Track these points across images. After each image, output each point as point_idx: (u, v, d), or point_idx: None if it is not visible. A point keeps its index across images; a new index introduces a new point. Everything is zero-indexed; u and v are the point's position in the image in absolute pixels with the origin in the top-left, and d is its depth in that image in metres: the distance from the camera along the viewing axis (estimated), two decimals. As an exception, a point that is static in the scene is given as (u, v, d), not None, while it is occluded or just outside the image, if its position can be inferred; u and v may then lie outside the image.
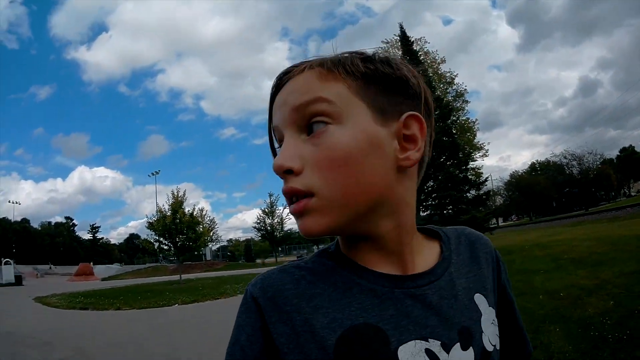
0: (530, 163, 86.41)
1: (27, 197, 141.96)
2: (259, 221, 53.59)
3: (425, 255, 0.67)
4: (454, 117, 29.52)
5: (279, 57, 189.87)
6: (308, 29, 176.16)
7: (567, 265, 8.04)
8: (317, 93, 0.58)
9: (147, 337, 8.74)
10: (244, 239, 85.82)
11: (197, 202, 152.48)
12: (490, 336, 0.64)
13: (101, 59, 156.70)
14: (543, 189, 65.42)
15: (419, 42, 30.40)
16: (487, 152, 30.23)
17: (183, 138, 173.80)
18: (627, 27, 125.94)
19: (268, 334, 0.59)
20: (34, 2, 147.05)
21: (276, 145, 0.65)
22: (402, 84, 0.62)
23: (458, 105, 30.43)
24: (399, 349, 0.56)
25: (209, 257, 60.35)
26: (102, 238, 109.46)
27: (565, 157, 66.36)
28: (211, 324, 9.65)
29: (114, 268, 60.40)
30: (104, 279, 42.63)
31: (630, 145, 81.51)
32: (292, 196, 0.58)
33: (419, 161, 0.63)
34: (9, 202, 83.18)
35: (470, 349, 0.60)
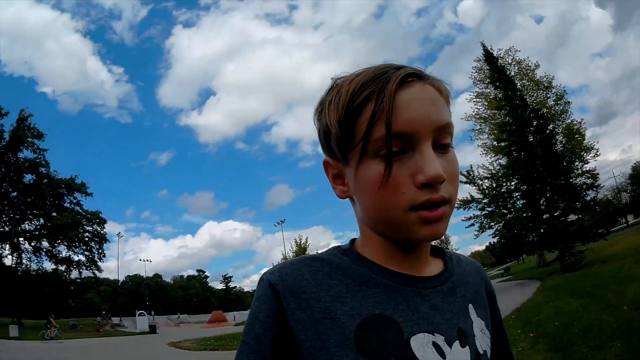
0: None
1: (157, 254, 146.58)
2: None
3: (431, 265, 0.75)
4: (558, 121, 28.91)
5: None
6: (409, 58, 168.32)
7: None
8: (449, 117, 0.66)
9: None
10: None
11: (328, 243, 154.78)
12: (482, 342, 0.71)
13: (214, 120, 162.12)
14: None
15: (509, 52, 30.10)
16: (597, 151, 28.41)
17: (307, 184, 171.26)
18: None
19: (285, 321, 0.64)
20: (139, 79, 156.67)
21: (394, 147, 0.62)
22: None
23: (560, 108, 29.27)
24: (411, 339, 0.63)
25: None
26: (235, 287, 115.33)
27: None
28: None
29: (247, 314, 62.39)
30: (237, 325, 43.04)
31: None
32: (438, 204, 0.63)
33: None
34: (140, 260, 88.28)
35: (467, 348, 0.67)
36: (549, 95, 29.79)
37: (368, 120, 0.63)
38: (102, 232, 49.17)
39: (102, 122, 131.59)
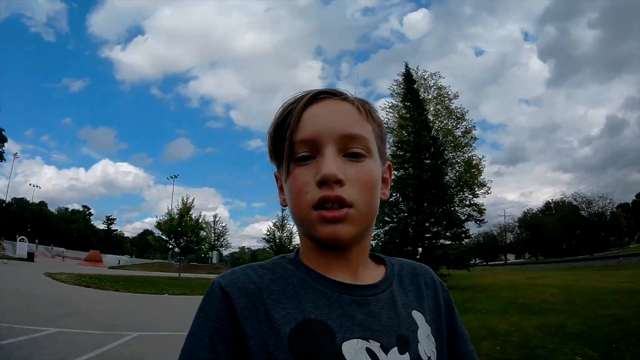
0: (545, 202, 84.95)
1: (47, 182, 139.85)
2: (269, 233, 55.20)
3: (372, 274, 0.79)
4: (460, 152, 30.58)
5: (312, 75, 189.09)
6: (342, 50, 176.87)
7: (512, 309, 9.13)
8: (362, 130, 0.73)
9: (132, 309, 11.52)
10: (256, 248, 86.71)
11: (215, 206, 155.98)
12: (426, 347, 0.73)
13: (135, 60, 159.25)
14: (552, 230, 65.06)
15: (434, 77, 31.23)
16: (489, 189, 30.12)
17: (209, 144, 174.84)
18: None
19: (236, 320, 0.67)
20: (74, 0, 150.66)
21: (301, 152, 0.71)
22: (385, 136, 0.83)
23: (465, 141, 30.74)
24: (343, 344, 0.65)
25: (215, 261, 61.54)
26: (117, 230, 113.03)
27: (575, 200, 66.32)
28: (189, 309, 11.93)
29: (123, 259, 61.93)
30: (111, 267, 44.37)
31: None
32: (334, 203, 0.67)
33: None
34: (30, 184, 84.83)
35: (407, 354, 0.69)
36: (458, 126, 31.11)
37: (284, 132, 0.74)
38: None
39: (25, 35, 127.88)
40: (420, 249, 23.47)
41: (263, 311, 0.67)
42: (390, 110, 30.50)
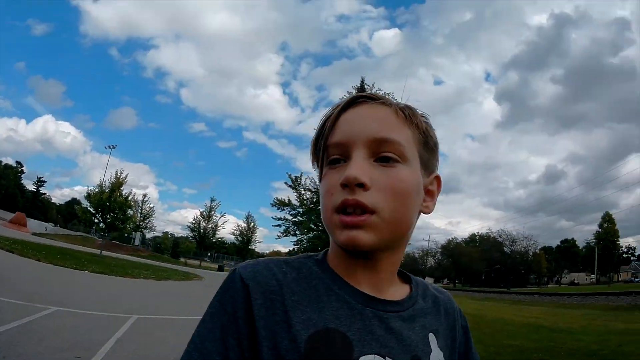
0: (471, 234, 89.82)
1: None
2: (194, 222, 54.46)
3: (397, 290, 0.76)
4: None
5: (270, 70, 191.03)
6: (306, 51, 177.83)
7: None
8: (396, 135, 0.69)
9: (52, 281, 11.26)
10: (179, 235, 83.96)
11: (146, 185, 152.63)
12: None
13: (103, 15, 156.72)
14: (472, 261, 67.89)
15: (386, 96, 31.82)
16: None
17: (153, 119, 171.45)
18: (608, 129, 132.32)
19: (251, 315, 0.64)
20: None
21: (333, 155, 0.71)
22: (436, 146, 0.78)
23: None
24: (360, 358, 0.63)
25: (137, 243, 59.44)
26: (45, 194, 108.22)
27: (500, 236, 69.91)
28: (107, 289, 12.00)
29: (47, 226, 58.43)
30: (34, 234, 42.10)
31: (573, 238, 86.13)
32: (354, 208, 0.65)
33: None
34: None
35: None
36: None
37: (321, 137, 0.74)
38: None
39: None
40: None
41: (281, 312, 0.64)
42: (339, 121, 30.54)
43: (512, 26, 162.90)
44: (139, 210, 56.66)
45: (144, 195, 64.79)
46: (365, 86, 28.22)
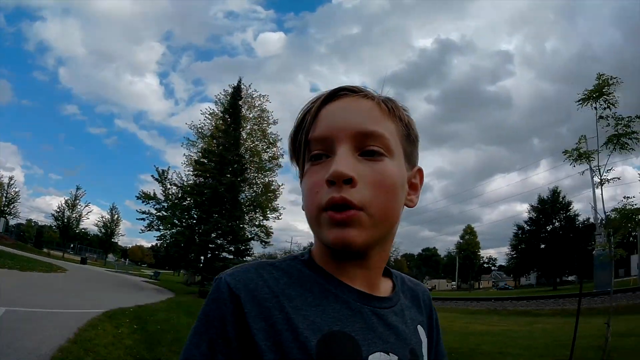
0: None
1: None
2: (59, 210, 50.87)
3: (384, 285, 0.76)
4: (262, 175, 31.37)
5: (149, 58, 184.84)
6: (189, 43, 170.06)
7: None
8: (381, 128, 0.67)
9: None
10: (43, 224, 77.87)
11: (13, 167, 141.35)
12: None
13: None
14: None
15: (261, 98, 31.62)
16: (280, 215, 31.34)
17: (28, 96, 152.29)
18: (476, 150, 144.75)
19: (244, 327, 0.59)
20: None
21: (315, 151, 0.67)
22: (417, 138, 0.76)
23: (270, 166, 31.75)
24: (369, 357, 0.62)
25: (0, 230, 52.48)
26: None
27: None
28: None
29: None
30: None
31: (434, 247, 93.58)
32: (340, 206, 0.61)
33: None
34: None
35: None
36: (268, 150, 31.97)
37: (300, 132, 0.70)
38: None
39: None
40: (202, 258, 23.90)
41: (283, 320, 0.60)
42: (209, 117, 30.56)
43: (397, 45, 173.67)
44: (4, 194, 50.65)
45: (11, 178, 55.76)
46: (242, 86, 28.74)
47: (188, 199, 25.83)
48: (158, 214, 26.45)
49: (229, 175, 23.93)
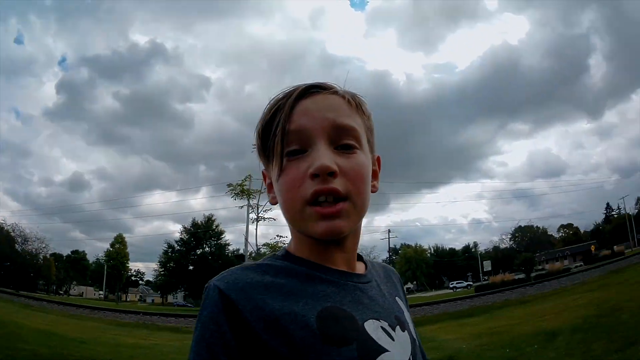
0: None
1: None
2: None
3: (358, 266, 0.82)
4: None
5: None
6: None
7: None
8: (353, 122, 0.74)
9: None
10: None
11: None
12: (413, 329, 0.81)
13: None
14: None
15: None
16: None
17: None
18: (143, 160, 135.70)
19: (241, 324, 0.62)
20: None
21: (292, 146, 0.71)
22: (373, 127, 0.83)
23: None
24: (364, 324, 0.68)
25: None
26: None
27: (14, 231, 62.11)
28: None
29: None
30: None
31: (84, 251, 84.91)
32: (327, 195, 0.68)
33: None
34: None
35: (406, 332, 0.76)
36: None
37: (274, 127, 0.73)
38: None
39: None
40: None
41: (278, 306, 0.64)
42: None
43: (114, 30, 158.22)
44: None
45: None
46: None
47: None
48: None
49: None
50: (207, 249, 55.38)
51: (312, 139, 0.71)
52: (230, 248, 56.65)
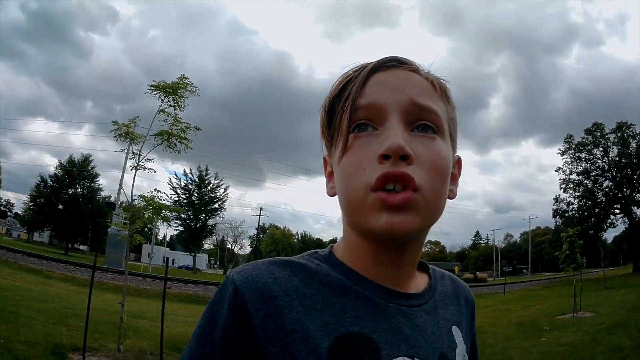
0: None
1: None
2: None
3: (417, 281, 0.67)
4: None
5: None
6: None
7: None
8: (435, 104, 0.60)
9: None
10: None
11: None
12: None
13: None
14: None
15: None
16: None
17: None
18: (35, 83, 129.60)
19: (249, 329, 0.54)
20: None
21: (360, 120, 0.59)
22: (457, 123, 0.68)
23: None
24: None
25: None
26: None
27: None
28: None
29: None
30: None
31: None
32: (397, 183, 0.54)
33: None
34: None
35: None
36: None
37: (343, 101, 0.61)
38: None
39: None
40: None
41: (293, 320, 0.55)
42: None
43: None
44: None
45: None
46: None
47: None
48: None
49: None
50: (80, 190, 50.89)
51: (385, 115, 0.59)
52: (103, 194, 53.65)
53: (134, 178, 6.53)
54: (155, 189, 6.41)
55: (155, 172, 6.81)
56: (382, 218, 0.55)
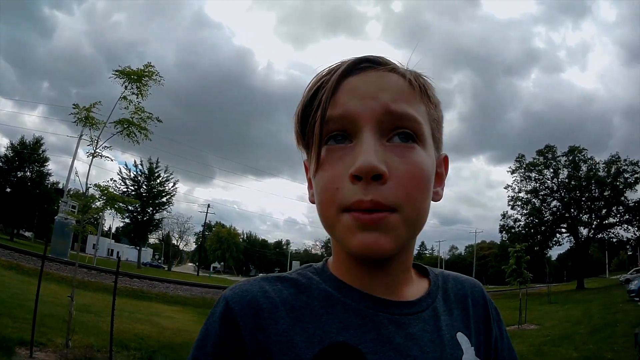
0: None
1: None
2: None
3: (413, 288, 0.64)
4: None
5: None
6: None
7: None
8: (412, 110, 0.56)
9: None
10: None
11: None
12: None
13: None
14: None
15: None
16: None
17: None
18: None
19: (240, 343, 0.54)
20: None
21: (333, 131, 0.57)
22: (442, 120, 0.64)
23: None
24: None
25: None
26: None
27: None
28: None
29: None
30: None
31: None
32: (369, 208, 0.52)
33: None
34: None
35: None
36: None
37: (314, 110, 0.58)
38: None
39: None
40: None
41: (279, 331, 0.55)
42: None
43: None
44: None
45: None
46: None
47: None
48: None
49: None
50: (29, 174, 48.18)
51: (358, 126, 0.56)
52: (51, 179, 51.49)
53: (90, 165, 6.33)
54: (111, 179, 6.29)
55: (112, 160, 6.68)
56: (357, 237, 0.53)
